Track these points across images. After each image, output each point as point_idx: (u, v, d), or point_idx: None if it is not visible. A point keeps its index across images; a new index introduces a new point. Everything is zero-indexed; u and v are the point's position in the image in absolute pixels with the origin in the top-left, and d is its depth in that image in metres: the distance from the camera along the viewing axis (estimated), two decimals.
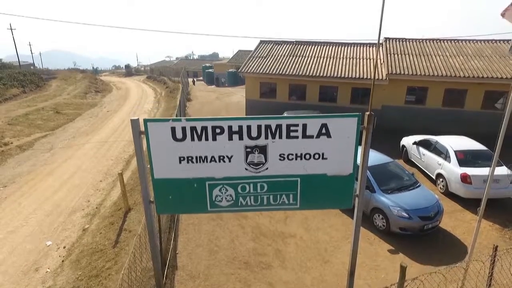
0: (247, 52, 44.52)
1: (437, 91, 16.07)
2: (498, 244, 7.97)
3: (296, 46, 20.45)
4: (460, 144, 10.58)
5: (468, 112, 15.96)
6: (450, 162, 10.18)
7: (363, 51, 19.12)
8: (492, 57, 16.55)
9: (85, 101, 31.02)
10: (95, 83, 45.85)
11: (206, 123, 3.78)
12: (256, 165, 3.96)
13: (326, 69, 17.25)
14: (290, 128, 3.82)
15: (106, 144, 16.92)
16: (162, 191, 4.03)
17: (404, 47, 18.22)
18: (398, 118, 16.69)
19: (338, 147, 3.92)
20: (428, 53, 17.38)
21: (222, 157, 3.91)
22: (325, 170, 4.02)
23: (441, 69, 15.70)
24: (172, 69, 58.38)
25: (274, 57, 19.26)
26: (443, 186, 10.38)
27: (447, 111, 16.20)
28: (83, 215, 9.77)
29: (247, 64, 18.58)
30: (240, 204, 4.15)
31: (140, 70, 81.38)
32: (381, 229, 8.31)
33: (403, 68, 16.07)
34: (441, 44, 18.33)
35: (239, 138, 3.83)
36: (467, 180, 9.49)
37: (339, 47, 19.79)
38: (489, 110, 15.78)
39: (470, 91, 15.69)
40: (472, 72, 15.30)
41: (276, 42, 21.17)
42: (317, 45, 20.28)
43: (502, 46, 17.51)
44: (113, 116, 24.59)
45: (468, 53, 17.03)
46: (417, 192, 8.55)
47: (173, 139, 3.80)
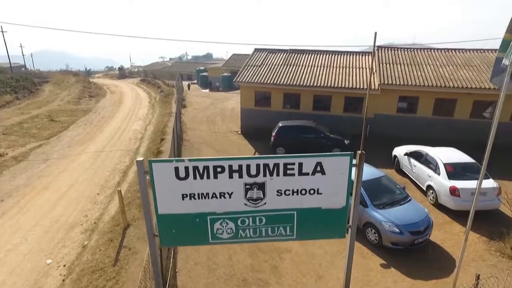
0: (241, 56, 44.71)
1: (427, 100, 16.48)
2: (485, 257, 8.36)
3: (290, 54, 20.72)
4: (449, 157, 10.94)
5: (458, 121, 16.39)
6: (440, 174, 10.53)
7: (356, 60, 19.48)
8: (481, 66, 17.01)
9: (79, 107, 30.91)
10: (89, 87, 45.63)
11: (207, 163, 4.00)
12: (255, 200, 4.19)
13: (320, 79, 17.55)
14: (287, 166, 4.07)
15: (102, 154, 17.00)
16: (166, 226, 4.23)
17: (395, 56, 18.61)
18: (390, 126, 17.05)
19: (332, 183, 4.17)
20: (419, 63, 17.79)
21: (223, 194, 4.13)
22: (320, 204, 4.27)
23: (432, 79, 16.10)
24: (166, 72, 58.24)
25: (269, 66, 19.50)
26: (433, 198, 10.72)
27: (437, 119, 16.62)
28: (82, 230, 9.89)
29: (242, 73, 18.79)
30: (240, 236, 4.38)
31: (133, 72, 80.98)
32: (373, 243, 8.61)
33: (394, 78, 16.44)
34: (432, 53, 18.77)
35: (239, 176, 4.06)
36: (455, 193, 9.84)
37: (332, 56, 20.12)
38: (478, 119, 16.22)
39: (460, 100, 16.12)
40: (461, 82, 15.73)
41: (270, 51, 21.42)
42: (311, 54, 20.58)
43: (490, 56, 18.00)
44: (108, 123, 24.60)
45: (458, 63, 17.48)
46: (408, 206, 8.86)
47: (176, 178, 4.02)
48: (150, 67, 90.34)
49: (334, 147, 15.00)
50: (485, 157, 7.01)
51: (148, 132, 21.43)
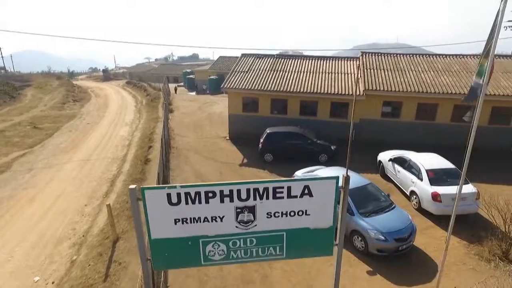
0: (228, 59, 44.76)
1: (410, 105, 16.97)
2: (465, 261, 8.73)
3: (277, 60, 20.94)
4: (431, 163, 11.35)
5: (439, 124, 16.95)
6: (422, 180, 10.92)
7: (342, 65, 19.86)
8: (460, 72, 17.64)
9: (64, 113, 30.34)
10: (73, 91, 44.76)
11: (199, 189, 4.11)
12: (246, 223, 4.33)
13: (306, 85, 17.83)
14: (276, 190, 4.22)
15: (88, 163, 16.79)
16: (159, 250, 4.32)
17: (379, 62, 19.07)
18: (375, 130, 17.47)
19: (319, 204, 4.35)
20: (402, 68, 18.29)
21: (215, 218, 4.26)
22: (308, 224, 4.44)
23: (414, 85, 16.60)
24: (152, 74, 57.67)
25: (256, 71, 19.66)
26: (416, 203, 11.11)
27: (420, 124, 17.14)
28: (70, 245, 9.81)
29: (229, 79, 18.88)
30: (232, 257, 4.51)
31: (118, 74, 79.83)
32: (360, 250, 8.88)
33: (378, 84, 16.86)
34: (414, 58, 19.32)
35: (230, 201, 4.19)
36: (437, 199, 10.24)
37: (318, 61, 20.44)
38: (458, 123, 16.81)
39: (441, 105, 16.68)
40: (442, 88, 16.28)
41: (257, 56, 21.58)
42: (297, 59, 20.86)
43: (469, 61, 18.67)
44: (93, 129, 24.26)
45: (438, 68, 18.06)
46: (392, 213, 9.17)
47: (168, 204, 4.11)
48: (136, 69, 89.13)
49: (320, 152, 15.29)
50: (464, 164, 7.39)
51: (135, 138, 21.26)
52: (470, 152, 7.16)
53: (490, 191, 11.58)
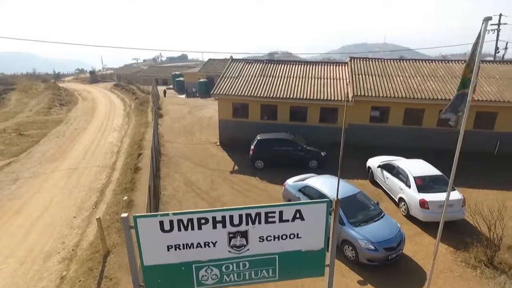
0: (217, 61, 44.62)
1: (398, 110, 17.28)
2: (452, 268, 8.95)
3: (266, 65, 21.01)
4: (418, 170, 11.59)
5: (426, 129, 17.31)
6: (410, 187, 11.15)
7: (331, 70, 20.06)
8: (445, 77, 18.04)
9: (50, 118, 29.79)
10: (59, 95, 44.00)
11: (192, 216, 4.13)
12: (238, 247, 4.37)
13: (296, 91, 17.95)
14: (268, 214, 4.27)
15: (76, 171, 16.54)
16: (152, 276, 4.32)
17: (367, 67, 19.34)
18: (364, 135, 17.72)
19: (311, 227, 4.42)
20: (389, 74, 18.60)
21: (207, 243, 4.28)
22: (299, 247, 4.51)
23: (401, 91, 16.90)
24: (141, 77, 57.02)
25: (245, 77, 19.70)
26: (404, 210, 11.33)
27: (407, 128, 17.46)
28: (59, 260, 9.67)
29: (219, 85, 18.86)
30: (225, 281, 4.54)
31: (106, 76, 78.64)
32: (351, 259, 9.01)
33: (367, 90, 17.11)
34: (401, 64, 19.66)
35: (222, 226, 4.22)
36: (425, 206, 10.47)
37: (308, 66, 20.61)
38: (444, 127, 17.07)
39: (427, 110, 17.03)
40: (428, 93, 16.62)
41: (247, 61, 21.62)
42: (287, 64, 20.98)
43: (453, 66, 19.11)
44: (81, 135, 23.90)
45: (425, 74, 18.43)
46: (382, 222, 9.34)
47: (161, 231, 4.12)
48: (124, 70, 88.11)
49: (311, 159, 15.43)
50: (452, 171, 7.62)
51: (124, 144, 21.03)
52: (457, 160, 7.41)
53: (475, 196, 11.95)
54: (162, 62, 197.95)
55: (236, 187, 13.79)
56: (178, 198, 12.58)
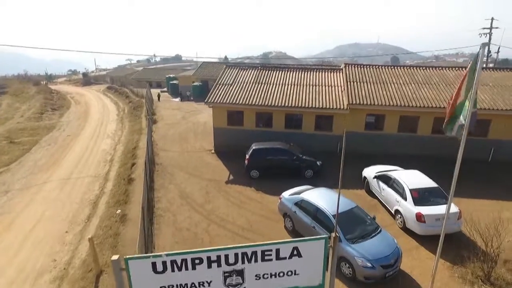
0: (211, 65, 44.39)
1: (393, 118, 17.26)
2: (449, 285, 8.90)
3: (261, 71, 20.89)
4: (415, 182, 11.54)
5: (420, 136, 17.32)
6: (407, 200, 11.10)
7: (326, 77, 20.01)
8: (439, 84, 18.08)
9: (42, 124, 29.34)
10: (51, 98, 43.46)
11: (185, 256, 4.00)
12: (234, 286, 4.25)
13: (291, 98, 17.86)
14: (265, 253, 4.16)
15: (69, 182, 16.26)
16: None
17: (362, 74, 19.31)
18: (360, 143, 17.66)
19: (308, 264, 4.32)
20: (384, 81, 18.59)
21: (202, 283, 4.16)
22: (297, 283, 4.40)
23: (396, 99, 16.90)
24: (134, 79, 56.56)
25: (240, 84, 19.55)
26: (401, 222, 11.28)
27: (402, 136, 17.46)
28: (51, 279, 9.44)
29: (214, 93, 18.69)
30: None
31: (99, 78, 77.85)
32: (347, 277, 8.93)
33: (362, 98, 17.07)
34: (395, 70, 19.68)
35: (217, 266, 4.10)
36: (421, 219, 10.42)
37: (302, 73, 20.53)
38: (438, 135, 17.15)
39: (422, 118, 17.04)
40: (423, 101, 16.64)
41: (241, 67, 21.49)
42: (281, 71, 20.88)
43: (447, 73, 19.17)
44: (74, 142, 23.57)
45: (419, 81, 18.46)
46: (378, 239, 9.26)
47: (154, 272, 3.98)
48: (117, 72, 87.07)
49: (307, 168, 15.34)
50: (452, 187, 7.61)
51: (117, 152, 20.77)
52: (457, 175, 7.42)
53: (471, 207, 11.99)
54: (156, 63, 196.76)
55: (232, 198, 13.64)
56: (172, 212, 12.40)
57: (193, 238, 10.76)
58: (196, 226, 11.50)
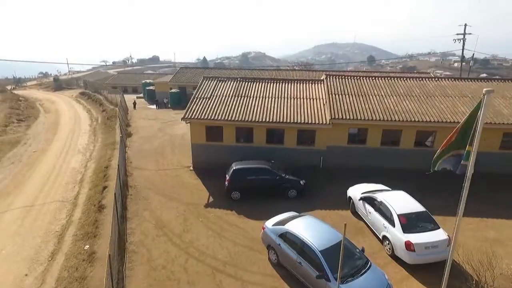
0: (189, 70, 43.22)
1: (376, 131, 16.94)
2: None
3: (240, 83, 20.12)
4: (402, 207, 11.11)
5: (403, 150, 17.10)
6: (395, 227, 10.66)
7: (307, 89, 19.48)
8: (420, 96, 17.94)
9: (6, 138, 27.23)
10: (18, 108, 40.81)
11: None
12: None
13: (272, 113, 17.19)
14: None
15: (32, 209, 14.86)
16: None
17: (343, 86, 18.93)
18: (342, 157, 17.30)
19: None
20: (365, 93, 18.26)
21: None
22: None
23: (379, 112, 16.57)
24: (108, 84, 54.33)
25: (218, 97, 18.70)
26: (389, 249, 10.83)
27: (385, 149, 17.18)
28: None
29: (191, 108, 17.74)
30: None
31: (71, 83, 74.33)
32: None
33: (344, 112, 16.64)
34: (376, 81, 19.42)
35: None
36: (411, 248, 10.00)
37: (283, 85, 19.93)
38: (421, 148, 17.08)
39: (404, 131, 16.82)
40: (405, 115, 16.40)
41: (219, 79, 20.62)
42: (261, 82, 20.19)
43: (427, 84, 19.10)
44: (41, 160, 21.89)
45: (401, 93, 18.26)
46: (369, 276, 8.72)
47: None
48: (91, 76, 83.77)
49: (290, 188, 14.72)
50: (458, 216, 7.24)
51: (88, 171, 19.39)
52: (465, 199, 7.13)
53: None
54: (133, 64, 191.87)
55: (212, 225, 12.79)
56: (147, 246, 11.40)
57: (170, 278, 9.85)
58: (173, 263, 10.58)
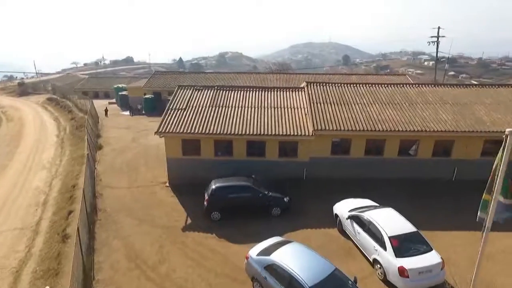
0: (164, 75, 41.61)
1: (359, 141, 16.44)
2: None
3: (217, 92, 19.08)
4: (392, 227, 10.54)
5: (387, 159, 16.71)
6: (386, 250, 10.06)
7: (287, 97, 18.73)
8: (403, 104, 17.64)
9: None
10: None
11: None
12: None
13: (252, 125, 16.30)
14: None
15: None
16: None
17: (325, 94, 18.34)
18: (326, 168, 16.70)
19: None
20: (348, 101, 17.74)
21: None
22: None
23: (362, 122, 16.07)
24: (78, 90, 51.60)
25: (195, 108, 17.60)
26: (381, 273, 10.22)
27: (369, 159, 16.74)
28: None
29: (166, 120, 16.54)
30: None
31: (38, 87, 70.02)
32: None
33: (327, 122, 16.02)
34: (358, 89, 18.97)
35: None
36: (404, 274, 9.42)
37: (262, 93, 19.08)
38: (404, 157, 16.77)
39: (388, 140, 16.42)
40: (389, 124, 15.99)
41: (195, 88, 19.48)
42: (240, 91, 19.24)
43: (408, 91, 18.86)
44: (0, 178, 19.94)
45: (383, 100, 17.88)
46: None
47: None
48: (61, 79, 79.42)
49: (274, 206, 13.91)
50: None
51: (53, 191, 17.77)
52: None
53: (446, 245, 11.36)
54: (106, 66, 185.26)
55: (190, 253, 11.74)
56: (117, 283, 10.20)
57: None
58: None
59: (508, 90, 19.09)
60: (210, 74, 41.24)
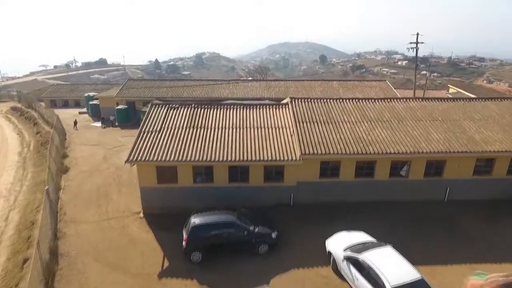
0: (138, 83, 39.32)
1: (349, 164, 15.45)
2: None
3: (195, 110, 17.56)
4: (394, 275, 9.51)
5: (378, 181, 15.85)
6: None
7: (271, 115, 17.49)
8: (392, 121, 16.84)
9: None
10: None
11: None
12: None
13: (234, 149, 14.93)
14: None
15: None
16: None
17: (311, 112, 17.26)
18: (314, 192, 15.72)
19: None
20: (335, 120, 16.74)
21: None
22: None
23: (352, 145, 15.08)
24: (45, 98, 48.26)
25: (171, 130, 16.03)
26: None
27: (359, 182, 15.81)
28: None
29: (138, 146, 14.88)
30: None
31: (2, 95, 65.21)
32: None
33: (315, 145, 14.92)
34: (345, 105, 18.01)
35: None
36: None
37: (244, 111, 17.73)
38: (396, 178, 15.96)
39: (379, 162, 15.53)
40: (379, 145, 15.10)
41: (171, 106, 17.86)
42: (219, 109, 17.81)
43: (396, 106, 18.10)
44: None
45: (371, 118, 17.01)
46: None
47: None
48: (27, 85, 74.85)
49: (260, 243, 12.60)
50: None
51: (9, 227, 15.65)
52: None
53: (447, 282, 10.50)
54: (77, 68, 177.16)
55: None
56: None
57: None
58: None
59: (494, 104, 18.74)
60: (188, 81, 39.57)
